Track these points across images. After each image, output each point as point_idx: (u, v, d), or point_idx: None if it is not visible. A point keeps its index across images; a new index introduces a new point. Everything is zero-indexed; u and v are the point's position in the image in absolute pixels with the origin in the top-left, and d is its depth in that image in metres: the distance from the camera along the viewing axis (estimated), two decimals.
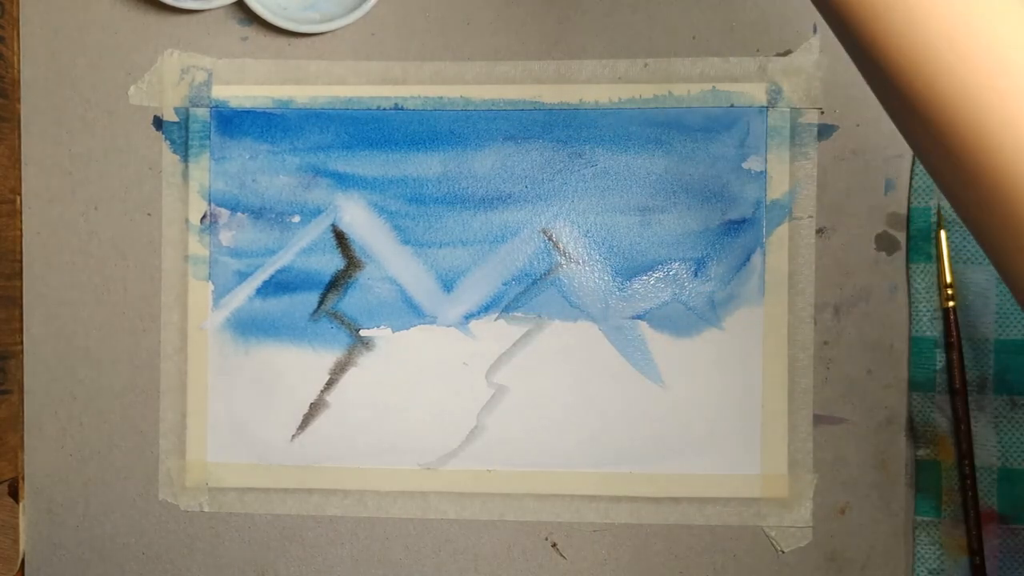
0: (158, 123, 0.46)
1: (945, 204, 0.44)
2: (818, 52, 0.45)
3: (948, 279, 0.44)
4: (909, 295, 0.45)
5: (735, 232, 0.45)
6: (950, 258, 0.44)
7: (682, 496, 0.45)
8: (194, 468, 0.46)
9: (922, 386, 0.44)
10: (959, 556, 0.44)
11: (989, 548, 0.44)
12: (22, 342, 0.47)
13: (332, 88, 0.46)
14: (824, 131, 0.45)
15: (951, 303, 0.44)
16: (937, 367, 0.44)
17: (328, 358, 0.46)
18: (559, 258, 0.46)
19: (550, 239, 0.46)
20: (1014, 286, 0.27)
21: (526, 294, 0.46)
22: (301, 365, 0.46)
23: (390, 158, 0.46)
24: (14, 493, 0.47)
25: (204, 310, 0.46)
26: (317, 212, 0.46)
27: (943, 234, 0.44)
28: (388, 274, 0.46)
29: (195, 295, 0.46)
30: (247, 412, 0.46)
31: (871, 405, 0.45)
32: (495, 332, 0.46)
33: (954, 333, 0.44)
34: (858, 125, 0.45)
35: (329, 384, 0.46)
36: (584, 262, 0.45)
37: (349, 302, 0.46)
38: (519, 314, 0.46)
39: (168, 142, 0.46)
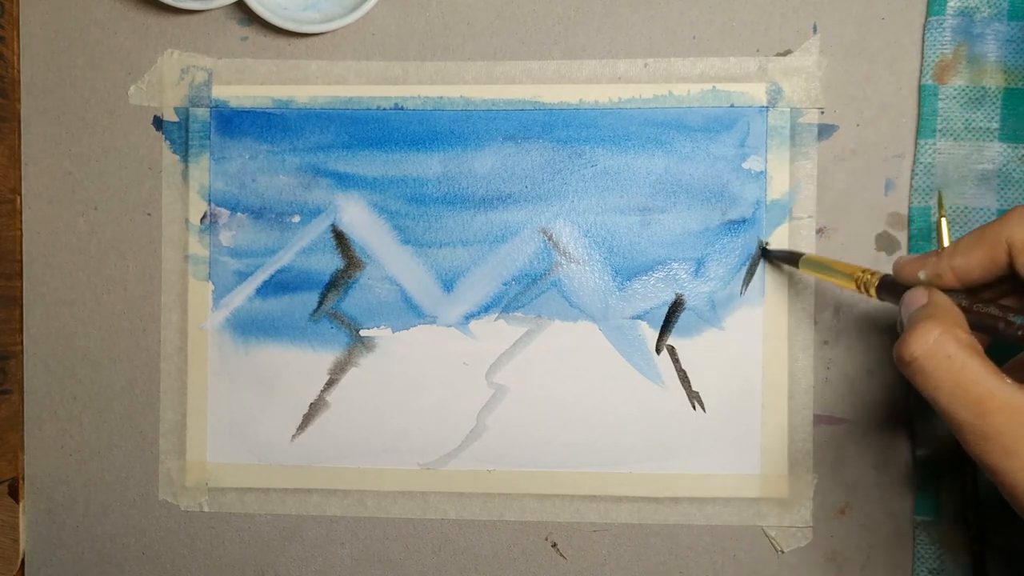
0: (158, 123, 0.46)
1: (945, 190, 0.44)
2: (818, 52, 0.45)
3: None
4: None
5: (735, 232, 0.45)
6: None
7: (682, 496, 0.45)
8: (194, 468, 0.46)
9: None
10: (959, 556, 0.44)
11: (989, 548, 0.44)
12: (22, 342, 0.47)
13: (332, 88, 0.46)
14: (824, 131, 0.45)
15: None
16: None
17: (328, 358, 0.46)
18: (559, 258, 0.46)
19: (550, 239, 0.46)
20: None
21: (526, 294, 0.46)
22: (301, 365, 0.46)
23: (390, 158, 0.46)
24: (14, 493, 0.47)
25: (204, 310, 0.46)
26: (317, 212, 0.46)
27: (944, 221, 0.43)
28: (388, 274, 0.46)
29: (195, 295, 0.46)
30: (247, 412, 0.46)
31: (871, 405, 0.45)
32: (495, 332, 0.46)
33: None
34: (858, 125, 0.45)
35: (329, 384, 0.46)
36: (584, 262, 0.45)
37: (349, 302, 0.46)
38: (519, 314, 0.46)
39: (168, 142, 0.46)
